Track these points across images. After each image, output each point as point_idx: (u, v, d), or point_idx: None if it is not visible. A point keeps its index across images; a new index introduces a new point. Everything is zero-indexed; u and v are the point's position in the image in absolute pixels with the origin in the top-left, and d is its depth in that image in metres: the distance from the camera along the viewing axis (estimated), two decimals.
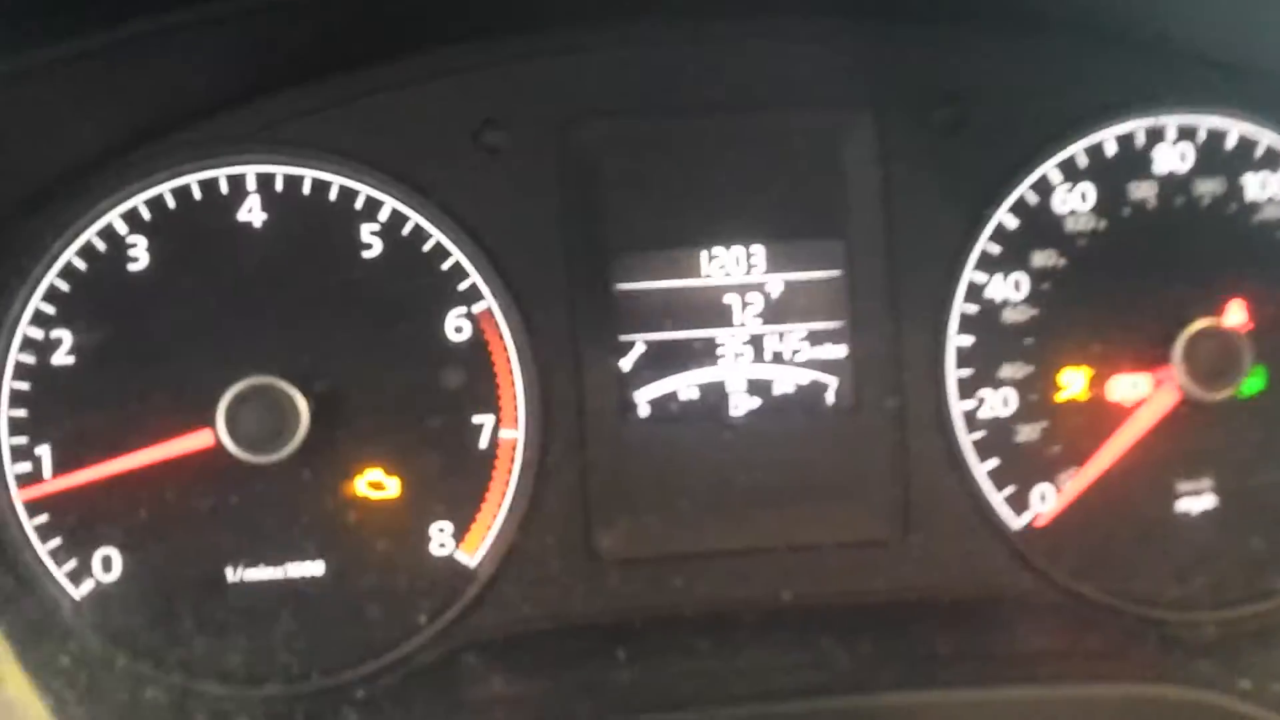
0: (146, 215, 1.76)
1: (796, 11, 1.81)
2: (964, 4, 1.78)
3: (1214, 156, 1.87)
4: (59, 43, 1.50)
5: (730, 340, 1.82)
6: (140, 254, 1.75)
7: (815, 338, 1.83)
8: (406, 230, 1.78)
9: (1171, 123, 1.87)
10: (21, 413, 1.73)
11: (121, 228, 1.75)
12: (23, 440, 1.73)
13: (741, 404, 1.82)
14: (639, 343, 1.81)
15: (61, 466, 1.73)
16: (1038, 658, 1.61)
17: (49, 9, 1.45)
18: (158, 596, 1.73)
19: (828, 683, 1.44)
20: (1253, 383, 1.83)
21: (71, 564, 1.73)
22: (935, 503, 1.82)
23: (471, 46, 1.79)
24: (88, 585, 1.74)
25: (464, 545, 1.77)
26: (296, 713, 1.65)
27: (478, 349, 1.79)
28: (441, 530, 1.77)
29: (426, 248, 1.78)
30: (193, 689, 1.71)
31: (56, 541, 1.73)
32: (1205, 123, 1.87)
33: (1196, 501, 1.83)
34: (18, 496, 1.73)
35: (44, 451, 1.73)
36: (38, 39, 1.48)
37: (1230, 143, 1.87)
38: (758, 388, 1.83)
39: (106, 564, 1.74)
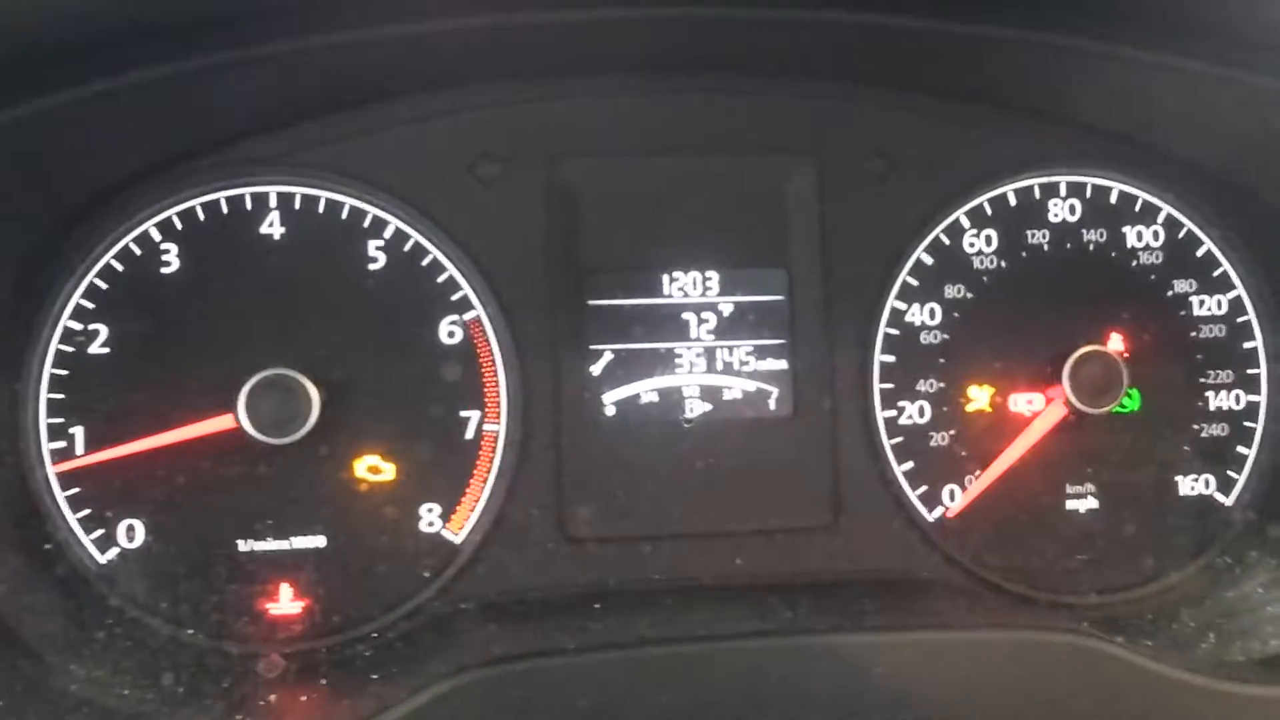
0: (179, 225, 1.91)
1: (752, 70, 1.99)
2: (895, 71, 1.98)
3: (1098, 210, 2.08)
4: (107, 78, 1.64)
5: (686, 352, 2.00)
6: (172, 259, 1.91)
7: (760, 352, 2.02)
8: (408, 246, 1.95)
9: (1063, 180, 2.08)
10: (59, 396, 1.87)
11: (156, 235, 1.90)
12: (59, 420, 1.87)
13: (695, 407, 2.00)
14: (608, 351, 1.99)
15: (92, 445, 1.87)
16: (948, 614, 1.83)
17: (96, 50, 1.59)
18: (176, 564, 1.87)
19: (773, 628, 1.66)
20: (1129, 402, 2.05)
21: (99, 532, 1.87)
22: (861, 496, 2.01)
23: (469, 90, 1.96)
24: (113, 552, 1.87)
25: (450, 524, 1.95)
26: (318, 659, 1.82)
27: (467, 351, 1.96)
28: (430, 510, 1.94)
29: (425, 262, 1.95)
30: (216, 648, 1.86)
31: (86, 512, 1.87)
32: (1091, 181, 2.09)
33: (1082, 501, 2.04)
34: (52, 471, 1.87)
35: (78, 431, 1.87)
36: (87, 75, 1.62)
37: (1112, 198, 2.09)
38: (710, 394, 2.00)
39: (130, 533, 1.88)
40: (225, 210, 1.94)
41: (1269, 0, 1.61)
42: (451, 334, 1.97)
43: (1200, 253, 2.11)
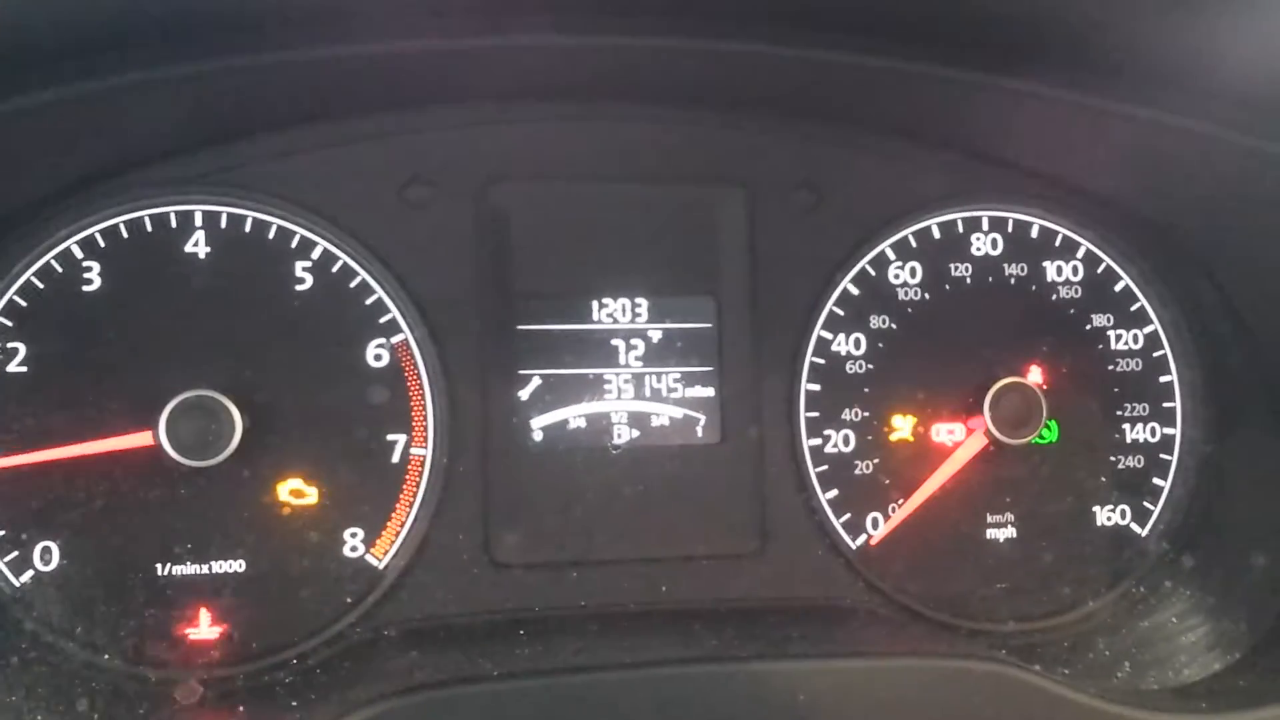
0: (101, 243, 1.88)
1: (684, 100, 2.00)
2: (825, 104, 2.00)
3: (1020, 244, 2.12)
4: (26, 94, 1.61)
5: (615, 378, 2.01)
6: (94, 277, 1.87)
7: (688, 379, 2.03)
8: (336, 268, 1.94)
9: (985, 215, 2.12)
10: None
11: (78, 252, 1.87)
12: None
13: (623, 434, 2.01)
14: (536, 377, 1.99)
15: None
16: (869, 641, 1.85)
17: (15, 65, 1.57)
18: (92, 587, 1.84)
19: (698, 655, 1.66)
20: (1048, 433, 2.09)
21: (14, 554, 1.83)
22: (786, 524, 2.02)
23: (401, 113, 1.96)
24: (28, 575, 1.83)
25: (374, 549, 1.93)
26: (237, 686, 1.79)
27: (394, 375, 1.94)
28: (354, 535, 1.92)
29: (353, 284, 1.94)
30: (132, 673, 1.83)
31: (1, 534, 1.83)
32: (1013, 216, 2.13)
33: (1001, 530, 2.08)
34: None
35: None
36: (4, 92, 1.60)
37: (1034, 233, 2.13)
38: (638, 420, 2.01)
39: (46, 555, 1.84)
40: (149, 228, 1.91)
41: (1180, 42, 1.66)
42: (379, 357, 1.95)
43: (1118, 288, 2.16)
